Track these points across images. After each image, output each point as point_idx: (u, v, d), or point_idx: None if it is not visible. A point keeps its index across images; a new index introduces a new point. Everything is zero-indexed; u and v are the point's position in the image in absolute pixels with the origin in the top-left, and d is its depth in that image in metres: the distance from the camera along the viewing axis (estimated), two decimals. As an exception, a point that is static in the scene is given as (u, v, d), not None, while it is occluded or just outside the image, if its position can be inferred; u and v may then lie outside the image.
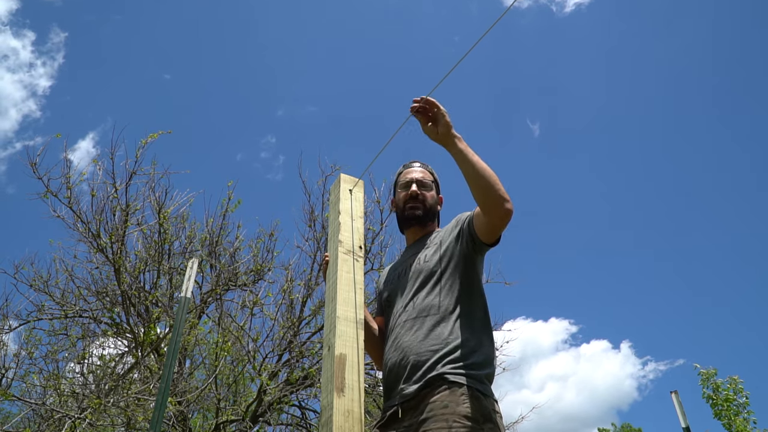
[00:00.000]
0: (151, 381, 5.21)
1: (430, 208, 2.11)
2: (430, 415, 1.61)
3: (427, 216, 2.11)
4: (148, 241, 6.26)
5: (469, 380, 1.66)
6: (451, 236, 1.94)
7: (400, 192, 2.16)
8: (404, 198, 2.12)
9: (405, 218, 2.13)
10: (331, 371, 1.64)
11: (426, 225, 2.12)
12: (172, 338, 3.19)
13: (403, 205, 2.12)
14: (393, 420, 1.73)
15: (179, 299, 3.44)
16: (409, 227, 2.14)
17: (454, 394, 1.62)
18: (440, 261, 1.90)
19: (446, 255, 1.91)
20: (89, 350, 6.01)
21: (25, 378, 5.55)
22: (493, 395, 1.73)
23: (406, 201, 2.11)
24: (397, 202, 2.18)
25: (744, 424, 10.03)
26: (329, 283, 1.89)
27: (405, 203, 2.12)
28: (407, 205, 2.11)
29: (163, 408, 2.94)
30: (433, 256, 1.93)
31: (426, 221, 2.11)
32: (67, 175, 5.57)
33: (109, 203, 5.85)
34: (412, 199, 2.10)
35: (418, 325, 1.81)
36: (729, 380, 10.69)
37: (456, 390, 1.63)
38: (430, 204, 2.12)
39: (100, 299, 6.12)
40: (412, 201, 2.10)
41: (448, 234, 1.96)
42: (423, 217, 2.10)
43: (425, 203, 2.10)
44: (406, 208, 2.11)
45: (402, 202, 2.13)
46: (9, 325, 5.73)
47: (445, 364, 1.70)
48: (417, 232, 2.13)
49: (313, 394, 6.38)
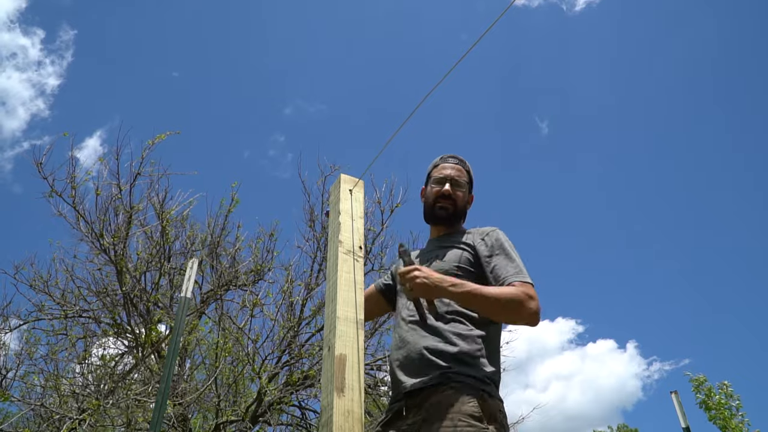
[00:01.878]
0: (152, 381, 5.21)
1: (460, 210, 2.12)
2: (435, 414, 1.61)
3: (456, 216, 2.11)
4: (149, 242, 6.27)
5: (474, 381, 1.67)
6: (475, 252, 1.94)
7: (433, 187, 2.14)
8: (436, 194, 2.12)
9: (433, 216, 2.13)
10: (331, 371, 1.63)
11: (453, 225, 2.13)
12: (172, 339, 3.18)
13: (433, 202, 2.12)
14: (398, 417, 1.74)
15: (179, 299, 3.44)
16: (435, 224, 2.15)
17: (459, 394, 1.63)
18: (458, 267, 1.91)
19: (464, 263, 1.92)
20: (90, 350, 6.02)
21: (24, 378, 5.55)
22: (498, 396, 1.74)
23: (437, 198, 2.11)
24: (427, 195, 2.17)
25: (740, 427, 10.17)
26: (329, 283, 1.89)
27: (435, 200, 2.11)
28: (437, 204, 2.11)
29: (162, 409, 2.94)
30: (452, 259, 1.94)
31: (453, 222, 2.12)
32: (72, 175, 5.58)
33: (112, 204, 5.85)
34: (444, 198, 2.09)
35: (426, 325, 1.82)
36: (720, 386, 10.82)
37: (461, 390, 1.64)
38: (461, 205, 2.12)
39: (100, 299, 6.12)
40: (443, 200, 2.10)
41: (473, 248, 1.96)
42: (450, 219, 2.11)
43: (456, 204, 2.10)
44: (437, 206, 2.11)
45: (432, 198, 2.13)
46: (9, 326, 5.73)
47: (451, 363, 1.70)
48: (441, 229, 2.14)
49: (313, 395, 6.37)
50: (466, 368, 1.69)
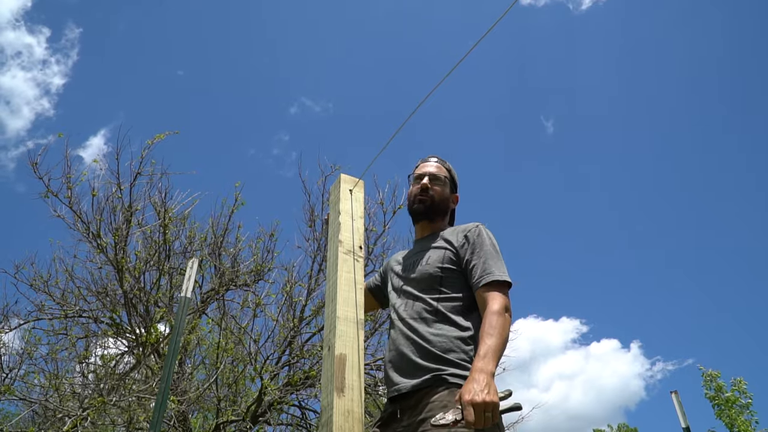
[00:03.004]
0: (152, 381, 5.21)
1: (437, 204, 2.10)
2: (429, 415, 1.61)
3: (433, 211, 2.10)
4: (149, 242, 6.27)
5: None
6: (456, 250, 1.93)
7: (413, 185, 2.17)
8: (415, 191, 2.13)
9: (412, 211, 2.14)
10: (331, 371, 1.63)
11: (434, 221, 2.11)
12: (172, 338, 3.19)
13: (413, 198, 2.13)
14: (392, 419, 1.74)
15: (179, 299, 3.44)
16: (417, 221, 2.15)
17: (453, 395, 1.62)
18: (441, 269, 1.90)
19: (446, 263, 1.91)
20: (91, 350, 6.02)
21: (25, 378, 5.55)
22: None
23: (416, 194, 2.12)
24: (409, 194, 2.18)
25: (746, 424, 10.22)
26: (329, 283, 1.89)
27: (414, 196, 2.12)
28: (416, 198, 2.11)
29: (163, 408, 2.94)
30: (435, 261, 1.93)
31: (433, 216, 2.10)
32: (67, 175, 5.58)
33: (110, 203, 5.85)
34: (422, 192, 2.10)
35: (417, 325, 1.82)
36: (733, 382, 10.95)
37: (455, 390, 1.63)
38: (438, 199, 2.10)
39: (100, 299, 6.12)
40: (421, 194, 2.10)
41: (454, 246, 1.94)
42: (428, 212, 2.09)
43: (433, 198, 2.09)
44: (415, 201, 2.12)
45: (412, 195, 2.14)
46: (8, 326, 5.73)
47: (444, 365, 1.70)
48: (425, 227, 2.12)
49: (313, 395, 6.37)
50: (459, 369, 1.69)
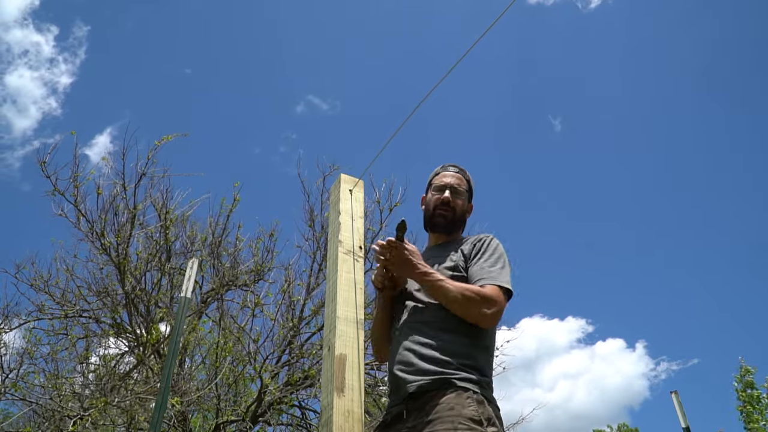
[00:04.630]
0: (152, 381, 5.21)
1: (458, 217, 2.14)
2: (435, 417, 1.64)
3: (454, 224, 2.14)
4: (150, 242, 6.27)
5: (474, 385, 1.72)
6: (467, 259, 1.98)
7: (433, 194, 2.17)
8: (435, 202, 2.14)
9: (432, 223, 2.15)
10: (331, 371, 1.64)
11: (451, 232, 2.15)
12: (173, 338, 3.19)
13: (433, 209, 2.14)
14: (398, 420, 1.75)
15: (179, 299, 3.44)
16: (433, 231, 2.17)
17: (460, 398, 1.66)
18: (452, 277, 1.93)
19: (458, 271, 1.95)
20: (91, 350, 6.03)
21: (25, 378, 5.55)
22: (495, 400, 1.79)
23: (437, 206, 2.13)
24: (427, 202, 2.19)
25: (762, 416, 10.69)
26: (329, 283, 1.90)
27: (435, 208, 2.14)
28: (437, 210, 2.13)
29: (163, 408, 2.94)
30: (447, 269, 1.96)
31: (452, 230, 2.14)
32: (75, 174, 5.59)
33: (114, 203, 5.86)
34: (444, 205, 2.12)
35: (426, 330, 1.84)
36: None
37: (462, 394, 1.67)
38: (459, 213, 2.14)
39: (100, 299, 6.12)
40: (442, 207, 2.12)
41: (465, 255, 1.99)
42: (448, 227, 2.13)
43: (455, 211, 2.12)
44: (436, 213, 2.13)
45: (432, 206, 2.15)
46: (9, 325, 5.73)
47: (452, 368, 1.73)
48: (440, 237, 2.16)
49: (313, 395, 6.38)
50: (467, 373, 1.73)
